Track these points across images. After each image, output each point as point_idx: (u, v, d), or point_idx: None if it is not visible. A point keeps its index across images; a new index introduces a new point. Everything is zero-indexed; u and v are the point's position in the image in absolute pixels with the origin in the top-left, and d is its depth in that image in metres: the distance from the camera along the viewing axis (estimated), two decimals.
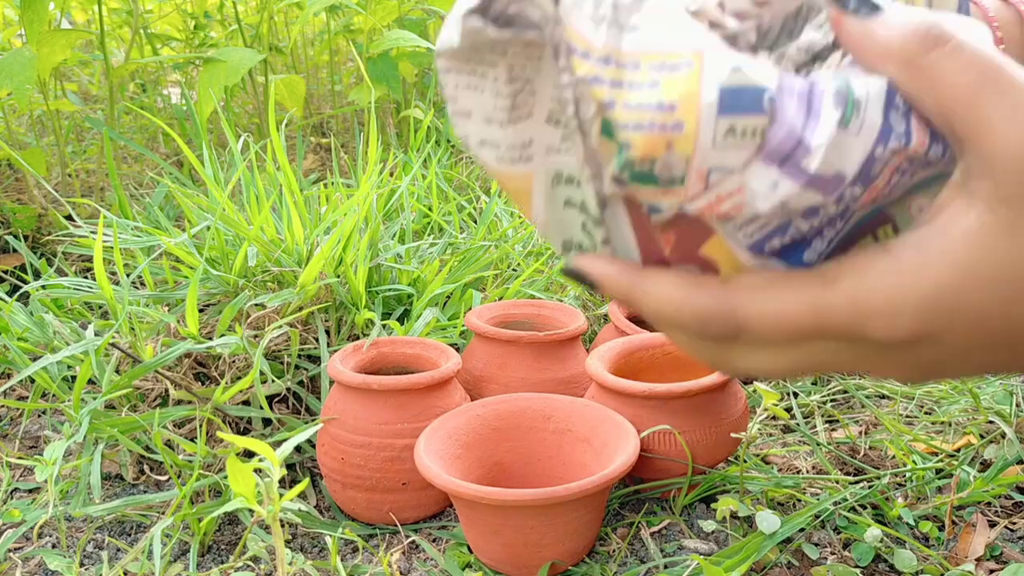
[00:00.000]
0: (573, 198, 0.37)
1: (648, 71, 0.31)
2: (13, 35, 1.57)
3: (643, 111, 0.31)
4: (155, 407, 0.78)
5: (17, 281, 0.94)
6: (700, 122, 0.30)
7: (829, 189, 0.32)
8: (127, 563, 0.63)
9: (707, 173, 0.31)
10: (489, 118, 0.37)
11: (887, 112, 0.31)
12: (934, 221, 0.30)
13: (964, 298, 0.30)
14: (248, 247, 0.84)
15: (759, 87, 0.30)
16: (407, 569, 0.65)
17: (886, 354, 0.32)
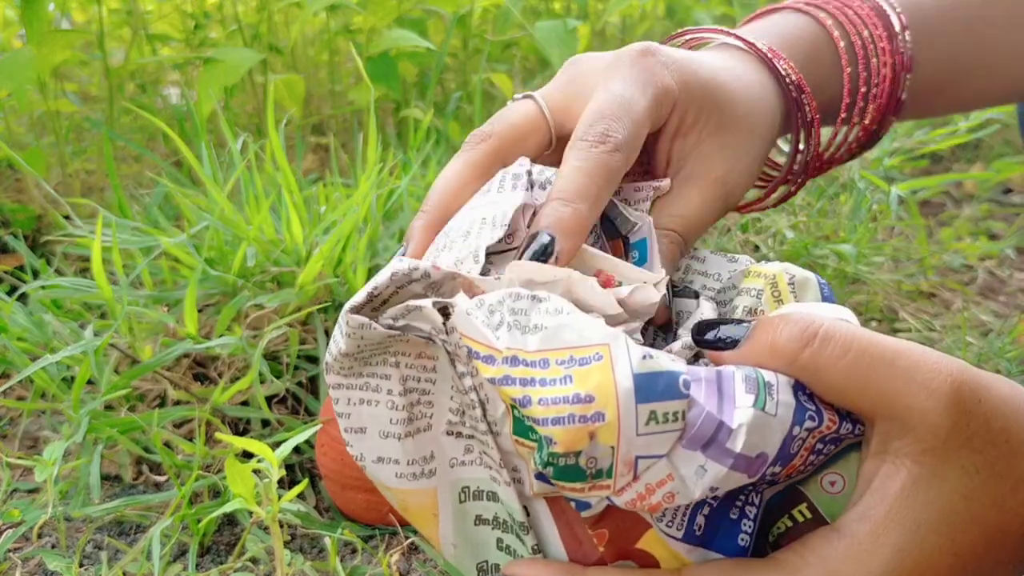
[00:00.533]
0: (484, 514, 0.36)
1: (557, 367, 0.31)
2: (13, 35, 1.56)
3: (560, 405, 0.30)
4: (154, 407, 0.78)
5: (16, 281, 0.94)
6: (620, 410, 0.30)
7: (753, 469, 0.32)
8: (126, 564, 0.63)
9: (634, 462, 0.31)
10: (385, 432, 0.36)
11: (796, 393, 0.33)
12: (869, 490, 0.32)
13: (917, 549, 0.32)
14: (247, 247, 0.84)
15: (673, 371, 0.31)
16: (406, 570, 0.65)
17: None
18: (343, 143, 1.45)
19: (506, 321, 0.32)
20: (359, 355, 0.36)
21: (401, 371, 0.36)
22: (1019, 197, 1.65)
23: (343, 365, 0.36)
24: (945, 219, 1.48)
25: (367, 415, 0.36)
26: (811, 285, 0.39)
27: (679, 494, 0.32)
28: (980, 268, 1.28)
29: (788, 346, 0.33)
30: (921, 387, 0.31)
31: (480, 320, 0.33)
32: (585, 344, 0.31)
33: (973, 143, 1.73)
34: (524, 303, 0.33)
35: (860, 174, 1.17)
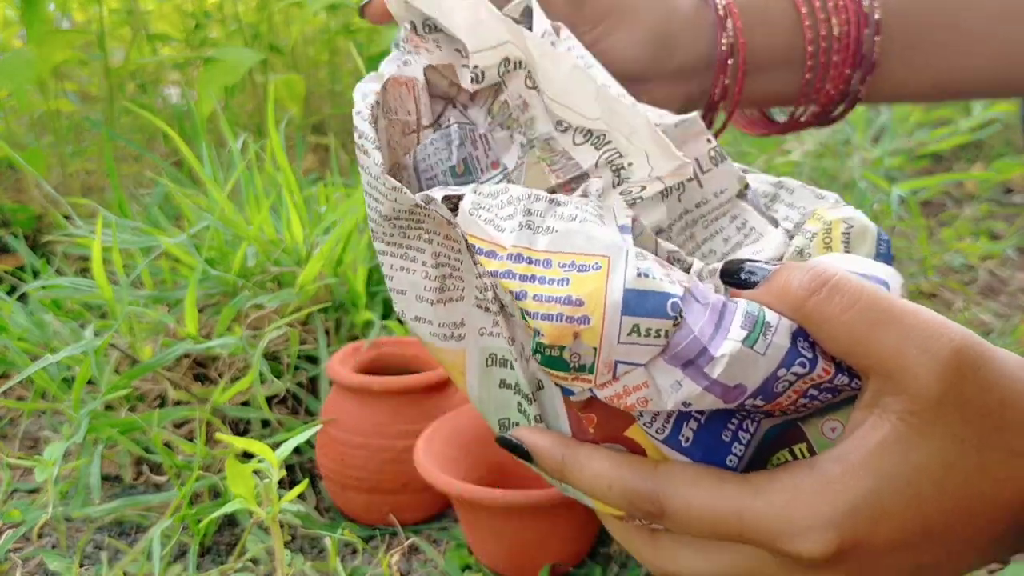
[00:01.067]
0: (507, 379, 0.38)
1: (559, 269, 0.34)
2: (13, 35, 1.56)
3: (551, 303, 0.33)
4: (154, 408, 0.78)
5: (16, 281, 0.94)
6: (606, 318, 0.32)
7: (730, 397, 0.34)
8: (127, 564, 0.63)
9: (614, 365, 0.33)
10: (421, 297, 0.39)
11: (795, 338, 0.34)
12: (852, 436, 0.33)
13: (885, 500, 0.32)
14: (247, 247, 0.84)
15: (664, 292, 0.33)
16: (407, 570, 0.65)
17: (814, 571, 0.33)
18: (343, 143, 1.45)
19: (519, 220, 0.34)
20: (397, 221, 0.38)
21: (433, 247, 0.39)
22: (1020, 197, 1.65)
23: (385, 231, 0.39)
24: (946, 219, 1.48)
25: (406, 280, 0.39)
26: (868, 238, 0.39)
27: (652, 401, 0.34)
28: (981, 268, 1.28)
29: (796, 292, 0.33)
30: (919, 348, 0.32)
31: (483, 218, 0.35)
32: (589, 252, 0.33)
33: (974, 143, 1.73)
34: (542, 205, 0.35)
35: (862, 174, 1.17)
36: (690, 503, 0.34)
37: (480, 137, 0.41)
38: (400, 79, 0.39)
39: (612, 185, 0.38)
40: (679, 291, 0.33)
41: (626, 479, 0.35)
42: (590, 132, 0.39)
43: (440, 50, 0.41)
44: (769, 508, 0.33)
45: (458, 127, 0.40)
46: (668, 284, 0.33)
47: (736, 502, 0.33)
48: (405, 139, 0.40)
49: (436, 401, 0.69)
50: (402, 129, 0.40)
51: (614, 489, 0.35)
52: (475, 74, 0.40)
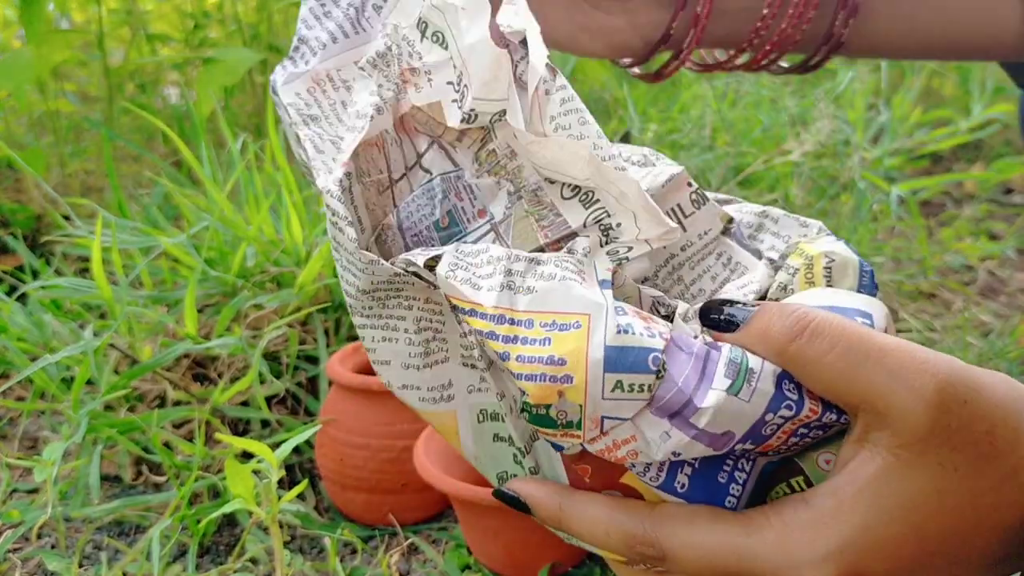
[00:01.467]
0: (500, 432, 0.39)
1: (540, 328, 0.34)
2: (13, 35, 1.56)
3: (535, 364, 0.33)
4: (153, 408, 0.78)
5: (16, 281, 0.94)
6: (588, 376, 0.33)
7: (719, 444, 0.34)
8: (126, 564, 0.63)
9: (600, 420, 0.34)
10: (406, 364, 0.39)
11: (780, 382, 0.34)
12: (844, 470, 0.34)
13: (880, 531, 0.32)
14: (247, 247, 0.84)
15: (645, 348, 0.33)
16: (406, 571, 0.65)
17: None
18: None
19: (499, 280, 0.35)
20: (375, 293, 0.39)
21: (414, 312, 0.39)
22: (1020, 197, 1.65)
23: (364, 304, 0.39)
24: (945, 219, 1.48)
25: (390, 350, 0.40)
26: (850, 271, 0.40)
27: (641, 453, 0.34)
28: (981, 268, 1.28)
29: (778, 337, 0.33)
30: (904, 386, 0.32)
31: (459, 278, 0.35)
32: (569, 311, 0.34)
33: (974, 143, 1.73)
34: (521, 265, 0.35)
35: (861, 174, 1.17)
36: (687, 544, 0.34)
37: (464, 187, 0.41)
38: (370, 141, 0.39)
39: (599, 244, 0.38)
40: (660, 344, 0.33)
41: (623, 524, 0.35)
42: (578, 188, 0.39)
43: (430, 86, 0.40)
44: (764, 546, 0.33)
45: (441, 180, 0.40)
46: (648, 339, 0.33)
47: (733, 540, 0.34)
48: (381, 197, 0.40)
49: None
50: (376, 188, 0.40)
51: (612, 535, 0.35)
52: (467, 115, 0.39)
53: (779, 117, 1.28)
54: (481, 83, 0.39)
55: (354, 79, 0.41)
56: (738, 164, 1.22)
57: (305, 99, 0.40)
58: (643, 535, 0.35)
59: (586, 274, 0.36)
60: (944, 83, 1.93)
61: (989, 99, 1.54)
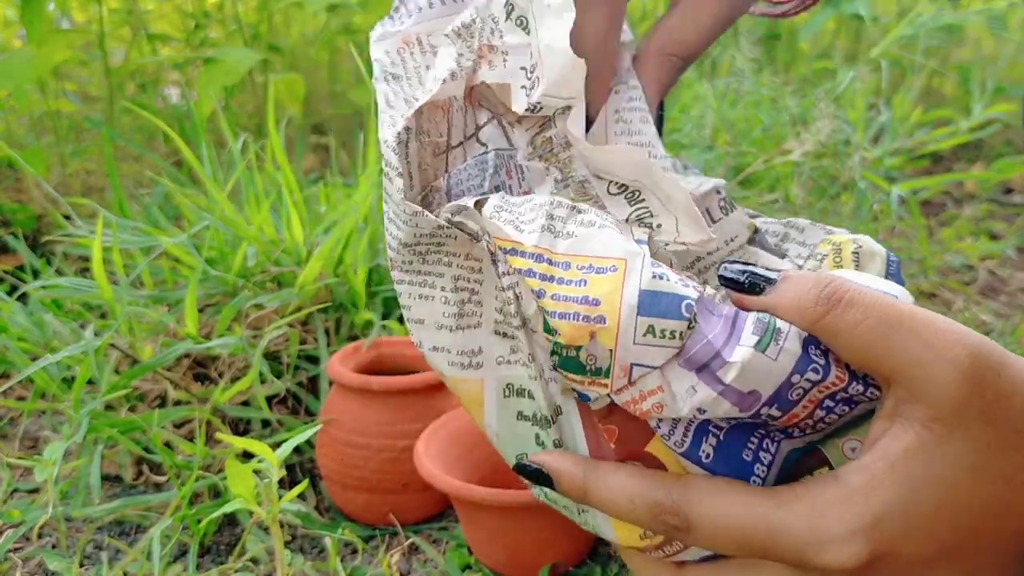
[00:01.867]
0: (525, 411, 0.39)
1: (577, 271, 0.35)
2: (13, 35, 1.56)
3: (569, 303, 0.34)
4: (154, 407, 0.78)
5: (16, 281, 0.94)
6: (621, 318, 0.33)
7: (745, 404, 0.34)
8: (127, 564, 0.63)
9: (629, 368, 0.34)
10: (439, 324, 0.40)
11: (807, 345, 0.34)
12: (875, 447, 0.33)
13: (912, 509, 0.32)
14: (247, 247, 0.84)
15: (678, 295, 0.33)
16: (407, 570, 0.65)
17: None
18: (343, 143, 1.45)
19: (540, 223, 0.36)
20: (417, 247, 0.39)
21: (453, 270, 0.39)
22: (1020, 197, 1.65)
23: (404, 259, 0.39)
24: (946, 219, 1.48)
25: (424, 309, 0.40)
26: (877, 260, 0.40)
27: (667, 406, 0.34)
28: (981, 268, 1.28)
29: (811, 306, 0.33)
30: (939, 356, 0.31)
31: (503, 219, 0.36)
32: (606, 255, 0.34)
33: (974, 143, 1.73)
34: (563, 211, 0.36)
35: (861, 174, 1.17)
36: (715, 515, 0.34)
37: (516, 166, 0.41)
38: (438, 102, 0.39)
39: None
40: (694, 294, 0.34)
41: (650, 491, 0.35)
42: (625, 187, 0.40)
43: (504, 66, 0.40)
44: (795, 519, 0.33)
45: (495, 155, 0.41)
46: (683, 287, 0.34)
47: (762, 512, 0.33)
48: (435, 160, 0.40)
49: (436, 401, 0.69)
50: (432, 150, 0.40)
51: (637, 503, 0.35)
52: (533, 106, 0.40)
53: (779, 117, 1.28)
54: (552, 81, 0.39)
55: (440, 46, 0.41)
56: (738, 164, 1.22)
57: (392, 58, 0.41)
58: (669, 503, 0.35)
59: (624, 230, 0.37)
60: (944, 83, 1.93)
61: (989, 99, 1.54)
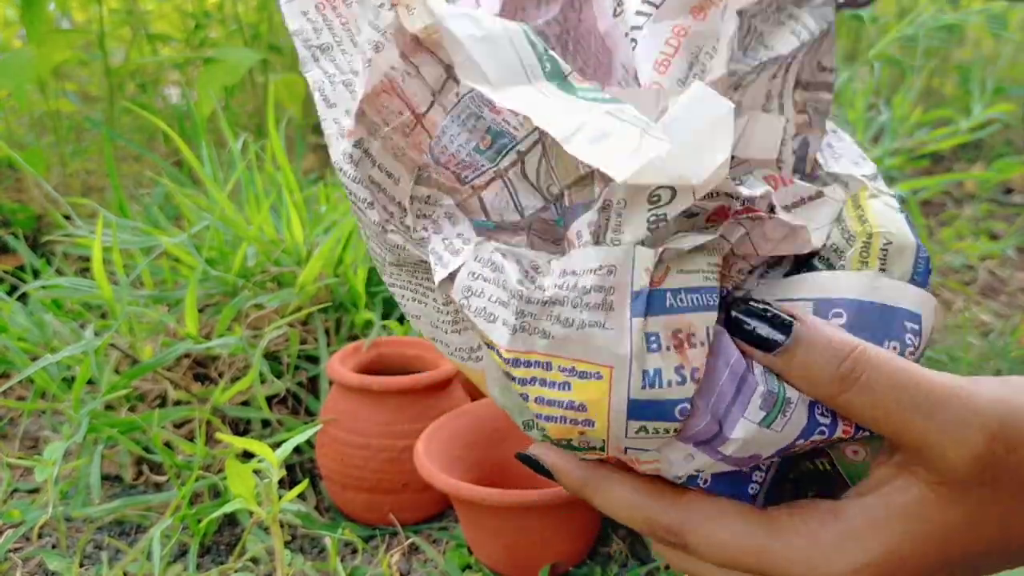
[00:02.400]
0: None
1: (559, 372, 0.32)
2: (13, 35, 1.56)
3: (554, 407, 0.32)
4: (154, 407, 0.78)
5: (16, 281, 0.94)
6: (611, 422, 0.32)
7: (743, 464, 0.33)
8: (127, 564, 0.63)
9: (623, 450, 0.33)
10: (435, 324, 0.38)
11: (813, 408, 0.33)
12: (879, 491, 0.33)
13: (908, 558, 0.32)
14: (247, 247, 0.84)
15: (672, 400, 0.31)
16: (407, 570, 0.65)
17: None
18: None
19: (512, 323, 0.32)
20: (404, 267, 0.37)
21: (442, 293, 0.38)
22: (1020, 197, 1.65)
23: (393, 272, 0.38)
24: (946, 219, 1.48)
25: (419, 309, 0.39)
26: (906, 256, 0.36)
27: (662, 470, 0.34)
28: (981, 268, 1.28)
29: (827, 384, 0.32)
30: (954, 440, 0.31)
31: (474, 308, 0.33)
32: (589, 361, 0.31)
33: (974, 143, 1.73)
34: (535, 308, 0.32)
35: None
36: (711, 538, 0.34)
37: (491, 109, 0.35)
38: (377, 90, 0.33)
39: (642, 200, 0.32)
40: (689, 393, 0.31)
41: (648, 508, 0.35)
42: None
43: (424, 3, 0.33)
44: (789, 552, 0.33)
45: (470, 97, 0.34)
46: (677, 388, 0.31)
47: (758, 544, 0.33)
48: (411, 138, 0.35)
49: (436, 401, 0.69)
50: (402, 132, 0.35)
51: (636, 517, 0.35)
52: None
53: None
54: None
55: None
56: None
57: (314, 22, 0.35)
58: (667, 523, 0.35)
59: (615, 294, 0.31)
60: (944, 83, 1.93)
61: (989, 99, 1.54)
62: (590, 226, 0.32)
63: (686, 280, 0.32)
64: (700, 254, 0.33)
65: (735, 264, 0.36)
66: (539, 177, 0.35)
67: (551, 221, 0.36)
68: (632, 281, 0.31)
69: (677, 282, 0.32)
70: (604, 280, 0.31)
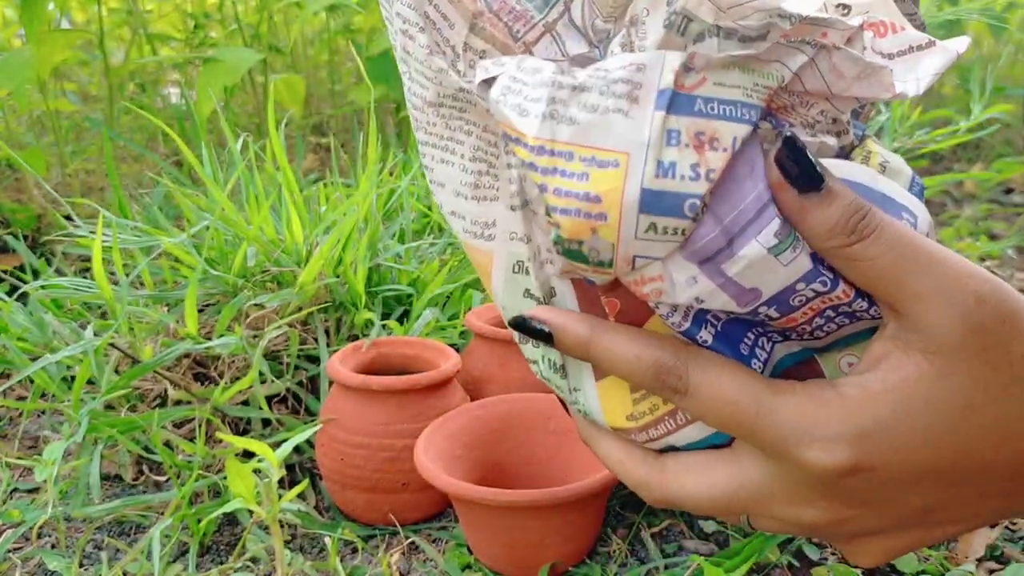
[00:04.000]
0: (531, 289, 0.38)
1: (580, 163, 0.33)
2: (13, 35, 1.56)
3: (571, 198, 0.32)
4: (154, 407, 0.78)
5: (16, 281, 0.94)
6: (623, 216, 0.32)
7: (743, 299, 0.33)
8: (126, 564, 0.63)
9: (632, 259, 0.33)
10: (457, 191, 0.39)
11: (817, 259, 0.33)
12: (875, 368, 0.34)
13: (901, 432, 0.33)
14: (247, 247, 0.84)
15: (683, 193, 0.32)
16: (407, 570, 0.65)
17: (818, 486, 0.34)
18: (343, 143, 1.45)
19: (543, 109, 0.33)
20: (441, 108, 0.38)
21: (472, 139, 0.38)
22: (1020, 197, 1.65)
23: (428, 119, 0.38)
24: (946, 219, 1.48)
25: (445, 173, 0.39)
26: (902, 178, 0.39)
27: (665, 293, 0.34)
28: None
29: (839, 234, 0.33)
30: (943, 298, 0.32)
31: (510, 103, 0.34)
32: (608, 148, 0.32)
33: (974, 143, 1.73)
34: (565, 93, 0.33)
35: None
36: (713, 384, 0.34)
37: None
38: None
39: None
40: (701, 189, 0.32)
41: (655, 349, 0.35)
42: None
43: None
44: (786, 409, 0.34)
45: None
46: (690, 182, 0.32)
47: (756, 393, 0.34)
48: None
49: (436, 401, 0.69)
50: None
51: (642, 359, 0.35)
52: None
53: None
54: None
55: None
56: None
57: None
58: (672, 364, 0.35)
59: (641, 89, 0.33)
60: (944, 83, 1.93)
61: (989, 99, 1.54)
62: (621, 41, 0.34)
63: (722, 92, 0.33)
64: (742, 71, 0.33)
65: (813, 103, 0.36)
66: (584, 18, 0.37)
67: (592, 57, 0.37)
68: (660, 81, 0.32)
69: (711, 91, 0.33)
70: (633, 75, 0.33)
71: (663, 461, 0.38)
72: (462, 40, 0.37)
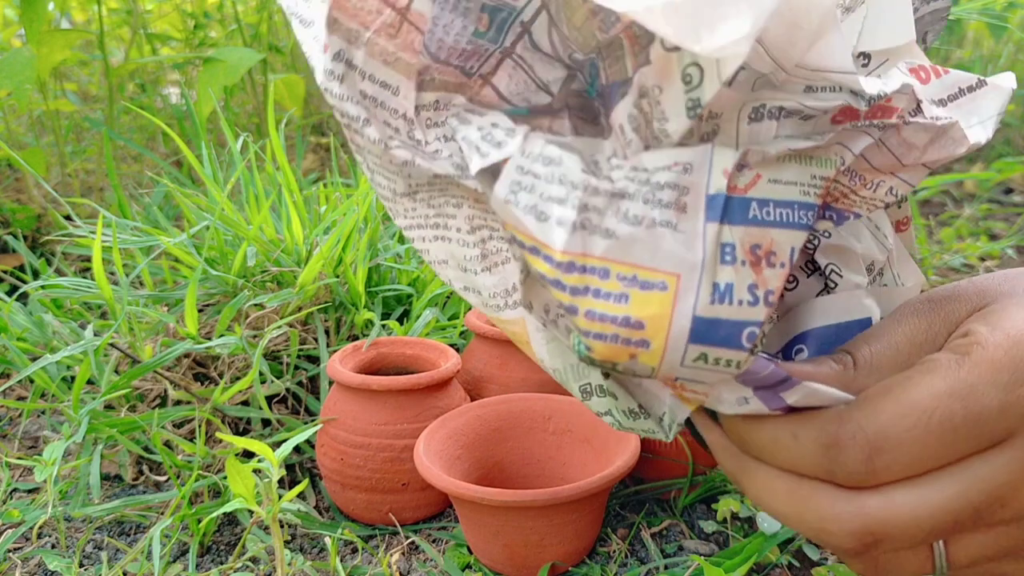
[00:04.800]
0: None
1: (618, 281, 0.28)
2: (13, 35, 1.56)
3: (606, 323, 0.28)
4: (154, 407, 0.78)
5: (16, 281, 0.94)
6: (668, 344, 0.28)
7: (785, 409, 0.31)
8: (126, 564, 0.63)
9: (674, 379, 0.30)
10: (464, 267, 0.34)
11: None
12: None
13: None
14: (247, 247, 0.84)
15: (741, 321, 0.27)
16: (407, 570, 0.65)
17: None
18: (343, 143, 1.45)
19: (572, 218, 0.28)
20: (417, 195, 0.33)
21: (465, 210, 0.33)
22: (1020, 197, 1.65)
23: (405, 208, 0.34)
24: (945, 219, 1.48)
25: (444, 250, 0.34)
26: None
27: (708, 403, 0.31)
28: (981, 268, 1.28)
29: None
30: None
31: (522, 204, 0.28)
32: (655, 267, 0.27)
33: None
34: (601, 200, 0.28)
35: None
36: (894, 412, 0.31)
37: None
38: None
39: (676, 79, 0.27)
40: (761, 316, 0.28)
41: (810, 423, 0.31)
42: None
43: None
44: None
45: None
46: (749, 308, 0.27)
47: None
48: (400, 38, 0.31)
49: (436, 401, 0.69)
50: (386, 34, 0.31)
51: (800, 437, 0.31)
52: None
53: None
54: None
55: None
56: None
57: None
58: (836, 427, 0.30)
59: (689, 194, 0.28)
60: None
61: None
62: (631, 121, 0.29)
63: (778, 191, 0.28)
64: (800, 163, 0.29)
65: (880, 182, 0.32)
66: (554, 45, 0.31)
67: (583, 92, 0.32)
68: (709, 183, 0.28)
69: (766, 192, 0.28)
70: (679, 178, 0.28)
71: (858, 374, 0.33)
72: (412, 104, 0.32)
